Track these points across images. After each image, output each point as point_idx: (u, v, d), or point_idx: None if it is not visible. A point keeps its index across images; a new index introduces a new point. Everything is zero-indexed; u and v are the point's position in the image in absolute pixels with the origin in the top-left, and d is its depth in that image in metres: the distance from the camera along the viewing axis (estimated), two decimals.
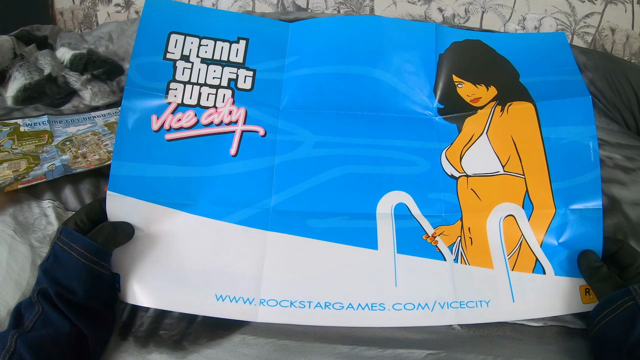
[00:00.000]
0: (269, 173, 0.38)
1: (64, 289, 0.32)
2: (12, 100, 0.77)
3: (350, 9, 1.02)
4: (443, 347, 0.38)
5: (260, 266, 0.36)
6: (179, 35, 0.39)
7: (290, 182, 0.39)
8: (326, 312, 0.36)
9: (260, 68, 0.40)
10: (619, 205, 0.52)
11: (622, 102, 0.78)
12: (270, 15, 0.95)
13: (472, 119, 0.42)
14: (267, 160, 0.39)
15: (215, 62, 0.39)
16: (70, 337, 0.32)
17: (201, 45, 0.39)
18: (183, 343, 0.36)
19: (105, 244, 0.34)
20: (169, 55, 0.39)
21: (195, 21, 0.40)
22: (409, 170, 0.40)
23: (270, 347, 0.37)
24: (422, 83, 0.43)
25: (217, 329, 0.37)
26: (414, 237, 0.40)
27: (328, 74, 0.42)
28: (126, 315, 0.38)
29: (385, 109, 0.42)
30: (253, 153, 0.39)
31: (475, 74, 0.42)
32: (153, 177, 0.37)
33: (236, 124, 0.39)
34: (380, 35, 0.43)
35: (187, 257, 0.36)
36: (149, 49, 0.38)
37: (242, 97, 0.39)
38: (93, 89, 0.80)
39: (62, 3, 1.11)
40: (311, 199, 0.38)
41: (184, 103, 0.38)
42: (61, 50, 0.91)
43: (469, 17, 0.96)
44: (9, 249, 0.43)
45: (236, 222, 0.37)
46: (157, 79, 0.38)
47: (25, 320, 0.32)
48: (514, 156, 0.40)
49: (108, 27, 0.99)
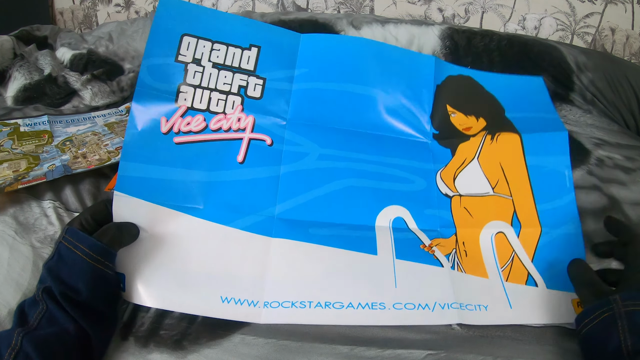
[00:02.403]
0: (275, 182, 0.39)
1: (68, 288, 0.32)
2: (12, 100, 0.77)
3: (350, 9, 1.02)
4: (442, 348, 0.38)
5: (264, 269, 0.37)
6: (191, 38, 0.39)
7: (295, 191, 0.40)
8: (327, 312, 0.36)
9: (270, 77, 0.41)
10: (619, 205, 0.52)
11: (622, 102, 0.78)
12: (270, 15, 0.95)
13: (464, 145, 0.45)
14: (273, 169, 0.40)
15: (227, 67, 0.39)
16: (75, 335, 0.32)
17: (213, 50, 0.39)
18: (183, 343, 0.36)
19: (110, 244, 0.34)
20: (180, 58, 0.39)
21: (208, 24, 0.39)
22: (406, 187, 0.43)
23: (270, 347, 0.37)
24: (421, 109, 0.46)
25: (217, 329, 0.37)
26: (412, 246, 0.41)
27: (335, 91, 0.43)
28: (127, 315, 0.38)
29: (386, 129, 0.44)
30: (260, 161, 0.39)
31: (466, 106, 0.47)
32: (160, 179, 0.37)
33: (244, 132, 0.39)
34: (385, 60, 0.45)
35: (192, 259, 0.37)
36: (161, 50, 0.38)
37: (252, 104, 0.40)
38: (93, 89, 0.80)
39: (62, 3, 1.11)
40: (314, 209, 0.39)
41: (194, 107, 0.38)
42: (61, 50, 0.91)
43: (469, 17, 0.96)
44: (9, 249, 0.43)
45: (241, 228, 0.38)
46: (168, 81, 0.38)
47: (30, 318, 0.32)
48: (502, 180, 0.44)
49: (108, 27, 0.99)
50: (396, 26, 0.92)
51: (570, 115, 0.80)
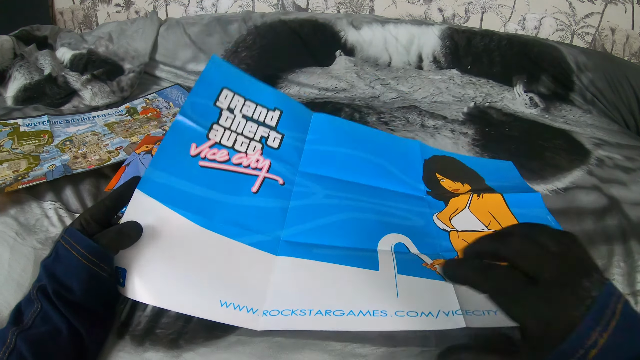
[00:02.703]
0: (283, 211, 0.44)
1: (61, 286, 0.33)
2: (12, 100, 0.77)
3: (350, 9, 1.02)
4: (437, 345, 0.38)
5: (266, 281, 0.38)
6: (229, 92, 0.46)
7: (301, 220, 0.44)
8: (327, 318, 0.36)
9: (288, 135, 0.48)
10: (619, 205, 0.52)
11: (622, 102, 0.78)
12: (270, 15, 0.95)
13: (455, 199, 0.52)
14: (283, 202, 0.45)
15: (254, 120, 0.47)
16: (68, 334, 0.32)
17: (245, 105, 0.47)
18: (179, 342, 0.36)
19: (107, 247, 0.34)
20: (218, 104, 0.45)
21: (245, 86, 0.48)
22: (406, 222, 0.48)
23: (264, 344, 0.37)
24: (414, 174, 0.54)
25: (213, 330, 0.37)
26: (413, 263, 0.42)
27: (341, 153, 0.51)
28: (124, 315, 0.38)
29: (385, 184, 0.51)
30: (271, 194, 0.44)
31: (453, 175, 0.56)
32: (179, 190, 0.40)
33: (260, 170, 0.45)
34: (380, 138, 0.56)
35: (195, 262, 0.37)
36: (204, 93, 0.45)
37: (270, 152, 0.46)
38: (93, 89, 0.80)
39: (62, 3, 1.11)
40: (318, 234, 0.43)
41: (221, 143, 0.44)
42: (61, 50, 0.91)
43: (469, 17, 0.96)
44: (10, 250, 0.43)
45: (247, 243, 0.40)
46: (204, 118, 0.44)
47: (25, 317, 0.32)
48: (493, 221, 0.49)
49: (108, 27, 0.99)
50: (396, 26, 0.92)
51: (570, 115, 0.80)
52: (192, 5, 1.03)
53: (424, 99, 0.81)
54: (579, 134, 0.71)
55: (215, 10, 1.03)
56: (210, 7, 1.03)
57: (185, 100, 0.44)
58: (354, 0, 1.00)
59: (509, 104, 0.80)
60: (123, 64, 0.90)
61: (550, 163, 0.61)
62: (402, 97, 0.82)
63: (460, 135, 0.68)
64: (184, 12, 1.05)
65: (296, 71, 0.86)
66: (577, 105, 0.81)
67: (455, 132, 0.69)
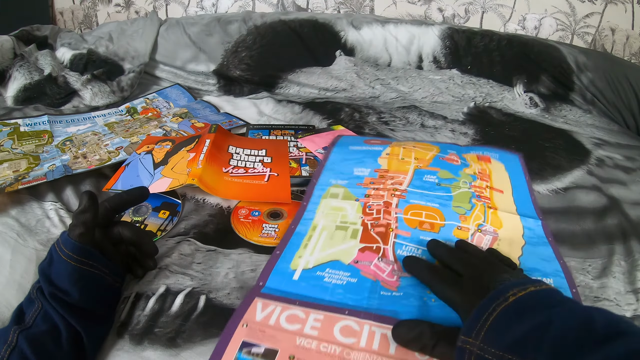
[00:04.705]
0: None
1: (57, 289, 0.33)
2: (12, 100, 0.76)
3: (350, 9, 1.02)
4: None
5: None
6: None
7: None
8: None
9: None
10: (619, 205, 0.52)
11: (622, 102, 0.78)
12: (270, 15, 0.94)
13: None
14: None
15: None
16: (67, 333, 0.32)
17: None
18: (177, 341, 0.36)
19: (88, 243, 0.34)
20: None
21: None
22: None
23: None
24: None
25: (211, 328, 0.37)
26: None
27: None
28: (124, 315, 0.38)
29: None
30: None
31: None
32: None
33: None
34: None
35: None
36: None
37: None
38: (93, 89, 0.80)
39: (62, 3, 1.11)
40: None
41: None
42: (61, 50, 0.91)
43: (469, 17, 0.96)
44: (12, 251, 0.43)
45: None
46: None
47: (27, 316, 0.33)
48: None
49: (108, 27, 0.99)
50: (396, 26, 0.92)
51: (570, 115, 0.80)
52: (192, 5, 1.03)
53: (424, 99, 0.81)
54: (579, 133, 0.71)
55: (215, 10, 1.03)
56: (210, 7, 1.03)
57: (185, 100, 0.42)
58: (354, 0, 1.00)
59: (509, 104, 0.80)
60: (123, 64, 0.90)
61: (550, 163, 0.61)
62: (402, 97, 0.82)
63: (460, 135, 0.68)
64: (184, 12, 1.05)
65: (296, 71, 0.86)
66: (577, 105, 0.82)
67: (455, 132, 0.69)
